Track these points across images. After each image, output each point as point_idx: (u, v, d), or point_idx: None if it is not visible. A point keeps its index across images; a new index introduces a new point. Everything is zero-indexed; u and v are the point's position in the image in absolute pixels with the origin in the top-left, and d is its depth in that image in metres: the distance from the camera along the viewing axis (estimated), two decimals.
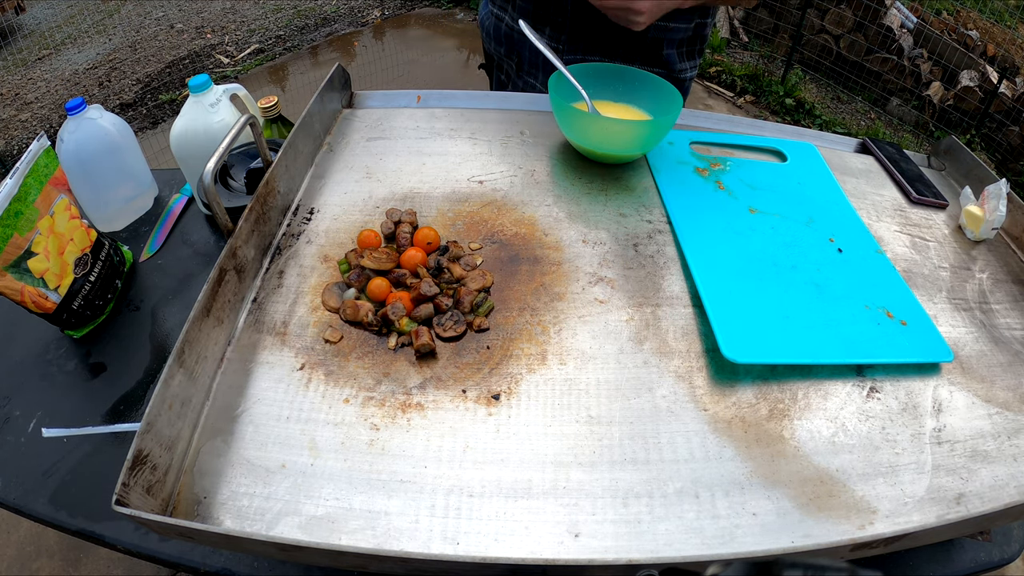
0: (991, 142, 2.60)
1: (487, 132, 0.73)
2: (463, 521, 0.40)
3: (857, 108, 2.93)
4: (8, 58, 3.14)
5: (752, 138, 0.76)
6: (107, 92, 2.90)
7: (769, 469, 0.44)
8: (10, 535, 1.29)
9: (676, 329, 0.52)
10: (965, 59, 2.72)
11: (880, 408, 0.48)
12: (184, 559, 0.48)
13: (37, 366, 0.60)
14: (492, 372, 0.49)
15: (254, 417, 0.45)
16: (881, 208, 0.68)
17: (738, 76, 2.98)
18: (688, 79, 0.88)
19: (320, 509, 0.41)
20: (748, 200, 0.66)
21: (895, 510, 0.42)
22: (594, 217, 0.63)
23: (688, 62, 0.86)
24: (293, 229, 0.60)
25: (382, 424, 0.45)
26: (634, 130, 0.65)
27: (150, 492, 0.39)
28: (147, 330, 0.63)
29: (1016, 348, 0.54)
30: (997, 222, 0.63)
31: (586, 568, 0.36)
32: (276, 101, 0.81)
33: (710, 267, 0.57)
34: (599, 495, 0.42)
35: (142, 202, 0.79)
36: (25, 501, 0.50)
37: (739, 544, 0.40)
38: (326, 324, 0.51)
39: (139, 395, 0.57)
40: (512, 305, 0.54)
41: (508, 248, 0.59)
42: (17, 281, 0.55)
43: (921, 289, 0.59)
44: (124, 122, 0.76)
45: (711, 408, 0.47)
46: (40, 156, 0.58)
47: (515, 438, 0.45)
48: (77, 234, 0.61)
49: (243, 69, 3.08)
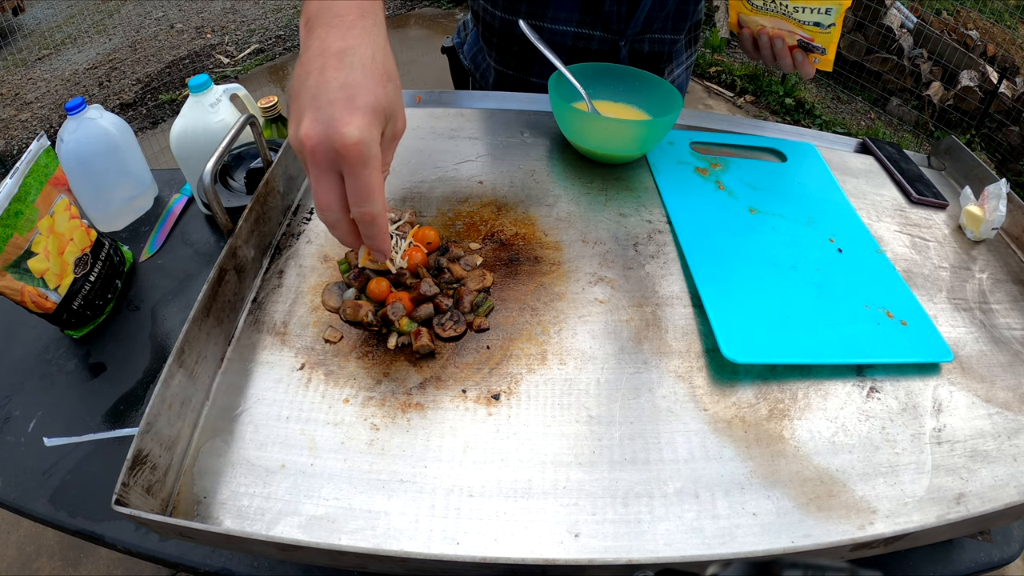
0: (991, 142, 2.60)
1: (487, 132, 0.73)
2: (463, 521, 0.40)
3: (857, 108, 2.93)
4: (8, 58, 3.14)
5: (752, 138, 0.76)
6: (107, 92, 2.90)
7: (769, 469, 0.44)
8: (10, 535, 1.29)
9: (676, 329, 0.52)
10: (965, 59, 2.72)
11: (880, 408, 0.48)
12: (184, 559, 0.48)
13: (37, 366, 0.60)
14: (492, 372, 0.49)
15: (254, 417, 0.45)
16: (881, 208, 0.68)
17: (738, 76, 2.98)
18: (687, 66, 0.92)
19: (320, 509, 0.41)
20: (748, 200, 0.66)
21: (895, 510, 0.42)
22: (594, 217, 0.63)
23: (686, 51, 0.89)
24: (293, 229, 0.60)
25: (382, 424, 0.45)
26: (634, 130, 0.65)
27: (150, 492, 0.39)
28: (147, 330, 0.63)
29: (1016, 348, 0.54)
30: (997, 222, 0.63)
31: (586, 568, 0.36)
32: (276, 101, 0.81)
33: (710, 267, 0.57)
34: (599, 495, 0.42)
35: (142, 202, 0.79)
36: (25, 501, 0.50)
37: (739, 544, 0.40)
38: (326, 324, 0.51)
39: (139, 395, 0.57)
40: (512, 305, 0.54)
41: (508, 248, 0.59)
42: (17, 281, 0.55)
43: (921, 289, 0.59)
44: (124, 122, 0.76)
45: (711, 408, 0.47)
46: (40, 156, 0.58)
47: (515, 438, 0.45)
48: (77, 234, 0.61)
49: (243, 69, 3.08)
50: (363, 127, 0.37)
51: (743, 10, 0.71)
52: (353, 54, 0.38)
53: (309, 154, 0.38)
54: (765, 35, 0.70)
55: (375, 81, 0.38)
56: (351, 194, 0.39)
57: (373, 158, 0.38)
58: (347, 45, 0.39)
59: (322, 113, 0.37)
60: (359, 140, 0.37)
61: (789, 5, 0.67)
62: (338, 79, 0.37)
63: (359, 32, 0.39)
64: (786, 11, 0.67)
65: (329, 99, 0.37)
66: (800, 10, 0.66)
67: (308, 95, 0.38)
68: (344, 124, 0.36)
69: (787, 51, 0.69)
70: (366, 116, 0.37)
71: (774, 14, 0.69)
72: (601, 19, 0.77)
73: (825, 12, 0.65)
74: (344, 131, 0.36)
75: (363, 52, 0.39)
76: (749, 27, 0.72)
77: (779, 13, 0.68)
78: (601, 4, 0.75)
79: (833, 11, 0.65)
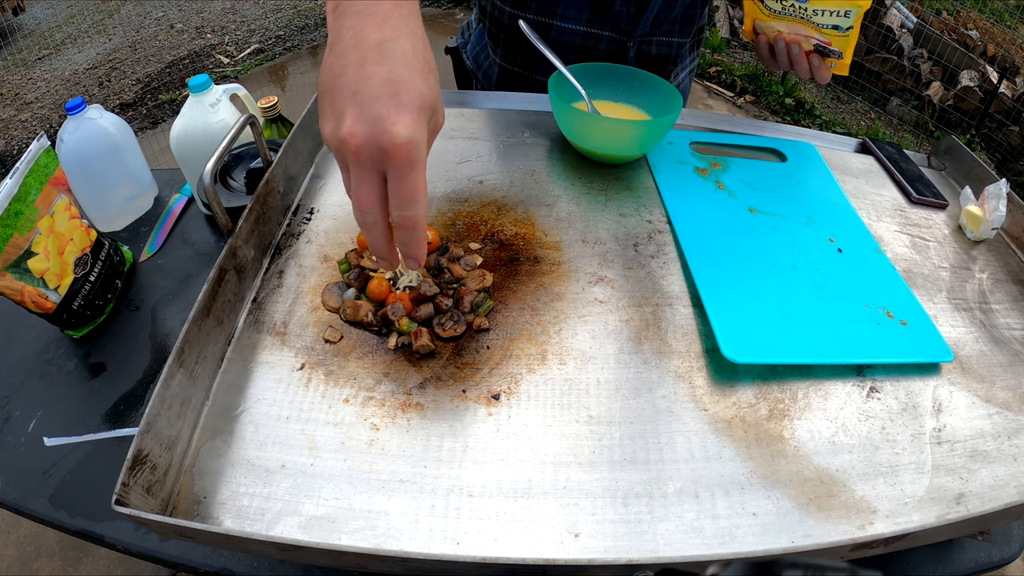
0: (991, 142, 2.60)
1: (487, 132, 0.73)
2: (463, 521, 0.40)
3: (857, 108, 2.93)
4: (8, 58, 3.14)
5: (752, 138, 0.76)
6: (107, 92, 2.90)
7: (769, 469, 0.44)
8: (10, 535, 1.29)
9: (676, 329, 0.52)
10: (965, 59, 2.72)
11: (880, 408, 0.48)
12: (184, 559, 0.48)
13: (37, 366, 0.60)
14: (492, 372, 0.49)
15: (254, 417, 0.45)
16: (881, 208, 0.68)
17: (738, 76, 2.98)
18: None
19: (320, 509, 0.41)
20: (748, 200, 0.66)
21: (895, 510, 0.42)
22: (594, 217, 0.63)
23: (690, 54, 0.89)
24: (293, 229, 0.60)
25: (382, 424, 0.45)
26: (634, 130, 0.65)
27: (150, 492, 0.39)
28: (147, 330, 0.63)
29: (1016, 348, 0.54)
30: (997, 222, 0.63)
31: (586, 568, 0.36)
32: (276, 101, 0.81)
33: (710, 267, 0.57)
34: (599, 495, 0.42)
35: (142, 202, 0.79)
36: (25, 501, 0.50)
37: (739, 544, 0.40)
38: (326, 324, 0.51)
39: (139, 395, 0.57)
40: (512, 305, 0.54)
41: (508, 248, 0.59)
42: (17, 281, 0.55)
43: (921, 289, 0.59)
44: (124, 122, 0.76)
45: (711, 408, 0.47)
46: (40, 156, 0.58)
47: (515, 438, 0.45)
48: (77, 234, 0.61)
49: (243, 69, 3.08)
50: (412, 127, 0.34)
51: (759, 16, 0.71)
52: (393, 46, 0.36)
53: (352, 154, 0.35)
54: (781, 41, 0.69)
55: (418, 75, 0.36)
56: (395, 197, 0.36)
57: (421, 160, 0.36)
58: (385, 36, 0.36)
59: (367, 111, 0.34)
60: (409, 140, 0.34)
61: (808, 8, 0.66)
62: (380, 74, 0.35)
63: (396, 22, 0.36)
64: (804, 15, 0.67)
65: (373, 95, 0.34)
66: (819, 13, 0.66)
67: (348, 91, 0.35)
68: (392, 123, 0.34)
69: (803, 56, 0.69)
70: (413, 114, 0.35)
71: (791, 19, 0.68)
72: (611, 19, 0.77)
73: (844, 15, 0.65)
74: (393, 131, 0.34)
75: (403, 44, 0.36)
76: (765, 33, 0.72)
77: (796, 17, 0.68)
78: (611, 4, 0.75)
79: (852, 14, 0.64)
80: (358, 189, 0.37)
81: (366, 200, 0.37)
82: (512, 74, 0.86)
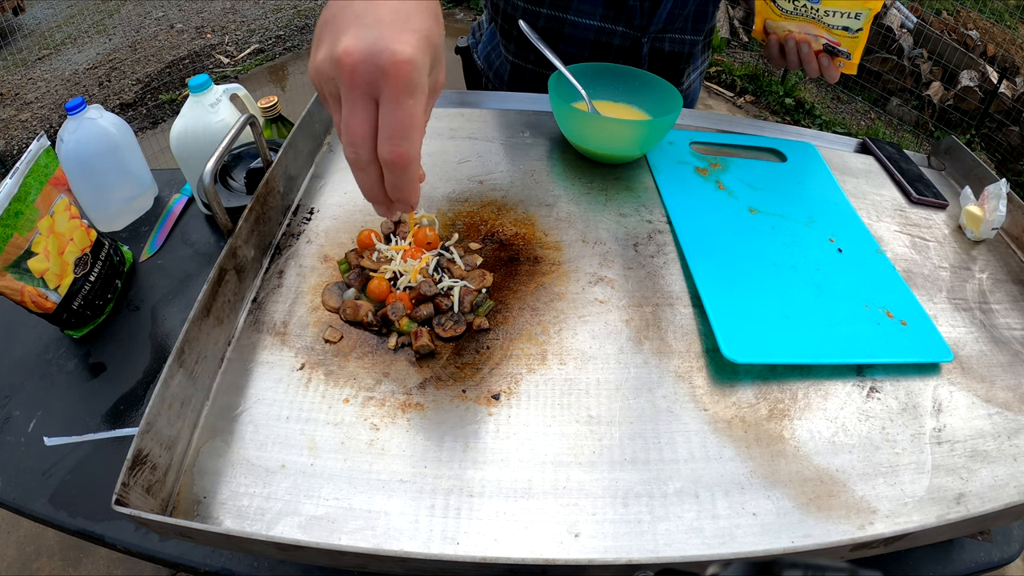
0: (991, 142, 2.60)
1: (487, 132, 0.73)
2: (463, 521, 0.40)
3: (857, 108, 2.93)
4: (8, 58, 3.14)
5: (752, 138, 0.76)
6: (107, 92, 2.90)
7: (769, 469, 0.44)
8: (10, 535, 1.29)
9: (676, 329, 0.52)
10: (965, 59, 2.72)
11: (880, 408, 0.48)
12: (184, 559, 0.48)
13: (37, 366, 0.60)
14: (492, 372, 0.49)
15: (254, 417, 0.45)
16: (881, 208, 0.68)
17: (738, 76, 2.98)
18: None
19: (320, 509, 0.41)
20: (748, 200, 0.66)
21: (895, 510, 0.42)
22: (594, 217, 0.63)
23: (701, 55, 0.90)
24: (293, 229, 0.60)
25: (382, 424, 0.45)
26: (634, 130, 0.65)
27: (150, 492, 0.39)
28: (147, 330, 0.63)
29: (1016, 348, 0.54)
30: (997, 222, 0.63)
31: (586, 568, 0.36)
32: (276, 101, 0.81)
33: (710, 267, 0.57)
34: (599, 495, 0.42)
35: (142, 202, 0.79)
36: (25, 501, 0.50)
37: (739, 544, 0.40)
38: (326, 324, 0.51)
39: (139, 395, 0.57)
40: (512, 305, 0.54)
41: (508, 248, 0.59)
42: (17, 281, 0.55)
43: (921, 289, 0.59)
44: (124, 122, 0.76)
45: (711, 408, 0.47)
46: (40, 156, 0.58)
47: (515, 438, 0.45)
48: (77, 234, 0.61)
49: (243, 69, 3.08)
50: (415, 46, 0.32)
51: (771, 16, 0.72)
52: None
53: (347, 73, 0.32)
54: (792, 40, 0.70)
55: (427, 13, 0.34)
56: (385, 127, 0.33)
57: (420, 87, 0.32)
58: None
59: (368, 31, 0.32)
60: (410, 58, 0.31)
61: (820, 9, 0.67)
62: (388, 5, 0.33)
63: None
64: (816, 15, 0.68)
65: (378, 18, 0.32)
66: (830, 14, 0.67)
67: (351, 15, 0.32)
68: (395, 41, 0.31)
69: (813, 56, 0.69)
70: (419, 38, 0.32)
71: (802, 19, 0.69)
72: (625, 14, 0.77)
73: (855, 16, 0.66)
74: (394, 47, 0.31)
75: None
76: (776, 33, 0.72)
77: (808, 18, 0.69)
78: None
79: (863, 16, 0.65)
80: (350, 119, 0.33)
81: (359, 129, 0.33)
82: (525, 71, 0.86)
